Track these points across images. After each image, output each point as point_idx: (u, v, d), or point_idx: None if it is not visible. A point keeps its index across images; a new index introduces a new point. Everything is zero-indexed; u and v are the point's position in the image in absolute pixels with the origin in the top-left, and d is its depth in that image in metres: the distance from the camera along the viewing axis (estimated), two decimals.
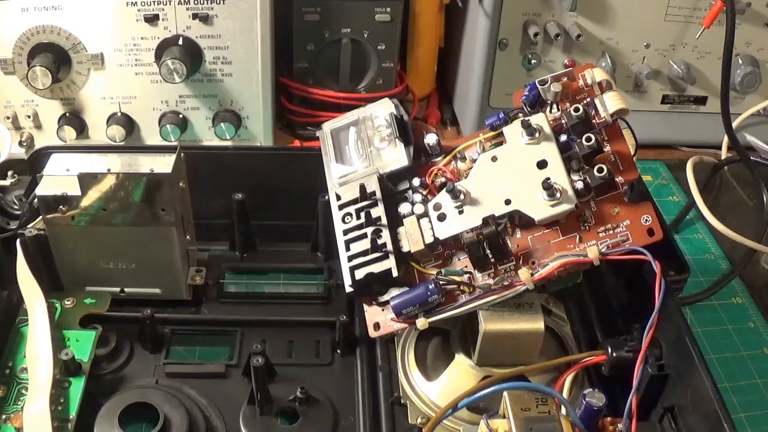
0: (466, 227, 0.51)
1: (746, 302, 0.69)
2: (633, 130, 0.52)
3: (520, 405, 0.48)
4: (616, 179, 0.50)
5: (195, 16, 0.71)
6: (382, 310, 0.53)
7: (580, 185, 0.49)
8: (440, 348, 0.57)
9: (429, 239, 0.51)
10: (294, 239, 0.67)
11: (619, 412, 0.48)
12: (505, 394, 0.49)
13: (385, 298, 0.52)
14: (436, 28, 0.87)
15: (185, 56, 0.71)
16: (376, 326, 0.53)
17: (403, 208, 0.52)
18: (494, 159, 0.52)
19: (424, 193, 0.53)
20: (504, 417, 0.48)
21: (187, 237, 0.60)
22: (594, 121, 0.51)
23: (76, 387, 0.52)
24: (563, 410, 0.48)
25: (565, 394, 0.53)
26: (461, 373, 0.55)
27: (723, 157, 0.83)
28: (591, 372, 0.56)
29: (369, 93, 0.83)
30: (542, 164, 0.50)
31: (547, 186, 0.49)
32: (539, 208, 0.50)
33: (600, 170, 0.49)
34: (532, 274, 0.49)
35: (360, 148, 0.55)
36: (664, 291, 0.47)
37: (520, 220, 0.51)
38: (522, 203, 0.50)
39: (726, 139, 0.82)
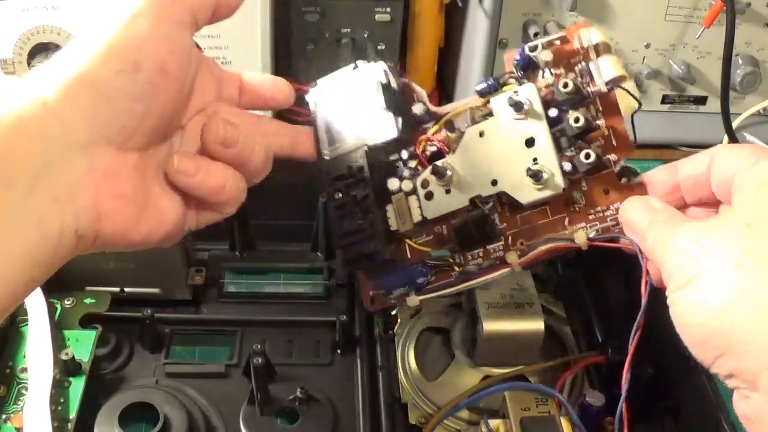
0: (454, 207, 0.48)
1: None
2: (634, 95, 0.48)
3: (520, 405, 0.48)
4: (609, 157, 0.46)
5: None
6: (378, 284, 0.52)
7: (568, 167, 0.46)
8: (440, 348, 0.57)
9: (417, 218, 0.49)
10: (294, 239, 0.67)
11: None
12: (505, 394, 0.49)
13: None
14: (436, 28, 0.87)
15: None
16: (373, 300, 0.52)
17: (392, 183, 0.50)
18: (482, 134, 0.48)
19: (414, 165, 0.51)
20: (504, 417, 0.48)
21: (187, 237, 0.60)
22: (588, 89, 0.47)
23: (76, 387, 0.52)
24: (563, 410, 0.48)
25: (565, 394, 0.53)
26: (461, 373, 0.55)
27: None
28: (591, 372, 0.56)
29: None
30: (530, 142, 0.46)
31: (533, 174, 0.46)
32: (525, 191, 0.46)
33: (587, 156, 0.45)
34: (519, 256, 0.47)
35: (349, 117, 0.51)
36: (651, 288, 0.43)
37: (508, 199, 0.48)
38: (508, 185, 0.47)
39: (726, 139, 0.81)
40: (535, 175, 0.46)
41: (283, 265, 0.65)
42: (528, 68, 0.49)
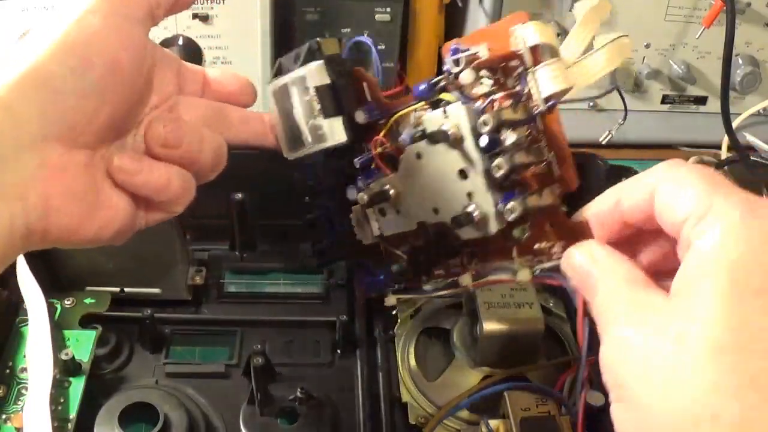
0: (404, 229, 0.44)
1: None
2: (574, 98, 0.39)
3: (520, 405, 0.48)
4: (550, 189, 0.39)
5: (195, 16, 0.71)
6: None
7: (501, 207, 0.39)
8: (440, 348, 0.57)
9: (376, 232, 0.45)
10: (294, 239, 0.67)
11: None
12: (505, 394, 0.49)
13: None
14: (436, 28, 0.87)
15: (185, 56, 0.71)
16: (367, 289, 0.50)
17: (350, 193, 0.45)
18: (419, 156, 0.41)
19: (372, 167, 0.44)
20: (504, 417, 0.48)
21: (187, 237, 0.60)
22: (527, 103, 0.38)
23: (76, 387, 0.52)
24: (563, 410, 0.48)
25: (565, 394, 0.53)
26: (461, 373, 0.55)
27: (723, 157, 0.83)
28: (591, 372, 0.56)
29: None
30: (464, 174, 0.39)
31: (460, 222, 0.40)
32: (464, 227, 0.41)
33: (512, 210, 0.38)
34: (474, 279, 0.43)
35: (303, 117, 0.45)
36: (588, 335, 0.35)
37: None
38: (447, 217, 0.41)
39: (726, 139, 0.82)
40: (464, 222, 0.40)
41: (283, 265, 0.65)
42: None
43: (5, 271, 0.56)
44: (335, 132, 0.43)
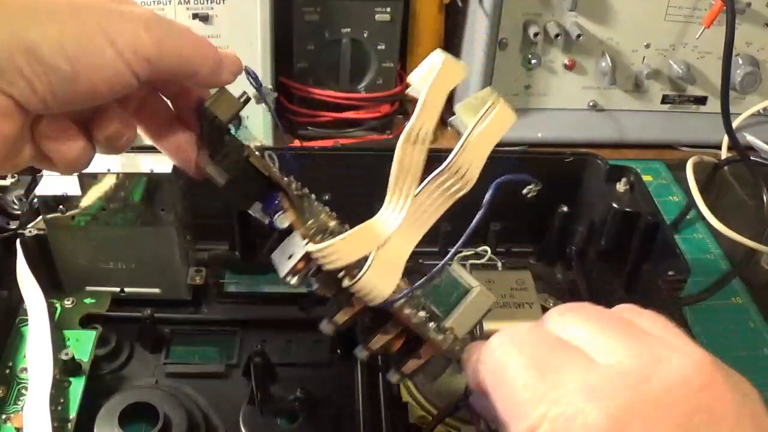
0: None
1: (746, 302, 0.69)
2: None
3: None
4: (425, 348, 0.43)
5: (195, 16, 0.71)
6: None
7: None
8: None
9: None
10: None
11: None
12: None
13: None
14: (436, 28, 0.87)
15: None
16: None
17: None
18: None
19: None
20: None
21: (187, 237, 0.60)
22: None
23: (76, 387, 0.52)
24: None
25: None
26: (461, 373, 0.55)
27: (723, 157, 0.83)
28: None
29: (369, 93, 0.83)
30: None
31: None
32: None
33: (394, 380, 0.44)
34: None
35: None
36: None
37: None
38: None
39: (726, 139, 0.82)
40: None
41: None
42: None
43: (5, 271, 0.57)
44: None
